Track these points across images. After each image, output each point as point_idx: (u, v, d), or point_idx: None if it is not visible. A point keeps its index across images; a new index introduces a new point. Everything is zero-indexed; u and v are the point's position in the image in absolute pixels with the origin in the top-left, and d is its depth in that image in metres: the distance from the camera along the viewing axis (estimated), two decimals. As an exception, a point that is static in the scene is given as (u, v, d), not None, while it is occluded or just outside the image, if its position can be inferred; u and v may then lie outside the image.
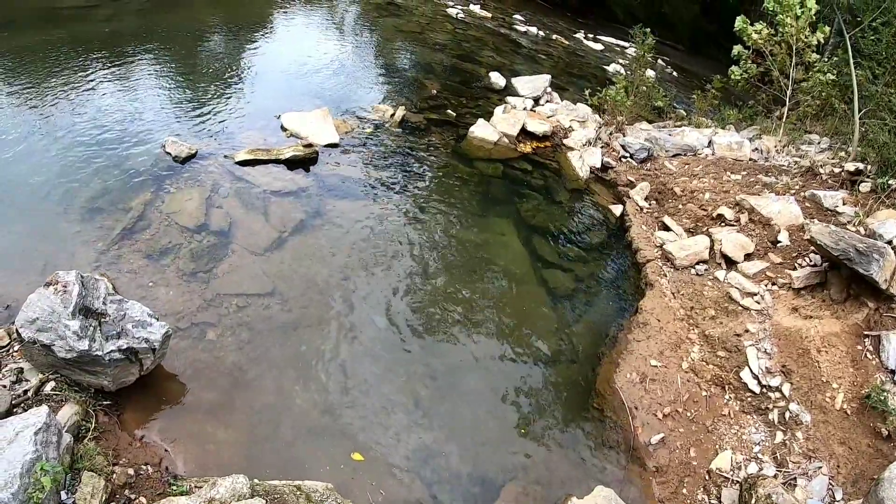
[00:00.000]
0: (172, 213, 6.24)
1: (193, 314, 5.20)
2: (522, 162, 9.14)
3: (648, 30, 11.65)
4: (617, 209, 8.50)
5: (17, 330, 4.00)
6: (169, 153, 7.12)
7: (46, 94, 8.14)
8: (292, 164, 7.53)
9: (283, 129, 8.31)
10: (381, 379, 5.23)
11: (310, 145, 7.83)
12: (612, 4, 29.11)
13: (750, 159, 9.23)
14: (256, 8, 14.89)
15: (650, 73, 13.10)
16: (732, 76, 11.03)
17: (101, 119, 7.80)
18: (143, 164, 6.92)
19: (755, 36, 10.26)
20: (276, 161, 7.47)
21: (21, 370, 4.11)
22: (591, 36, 20.65)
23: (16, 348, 4.30)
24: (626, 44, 20.10)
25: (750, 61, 10.74)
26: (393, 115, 9.27)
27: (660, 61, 17.23)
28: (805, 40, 9.88)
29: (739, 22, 10.43)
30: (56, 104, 7.97)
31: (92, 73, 8.84)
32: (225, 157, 7.37)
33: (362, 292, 6.01)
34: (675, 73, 19.21)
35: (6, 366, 4.15)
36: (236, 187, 6.91)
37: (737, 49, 10.84)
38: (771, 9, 9.97)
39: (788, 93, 10.23)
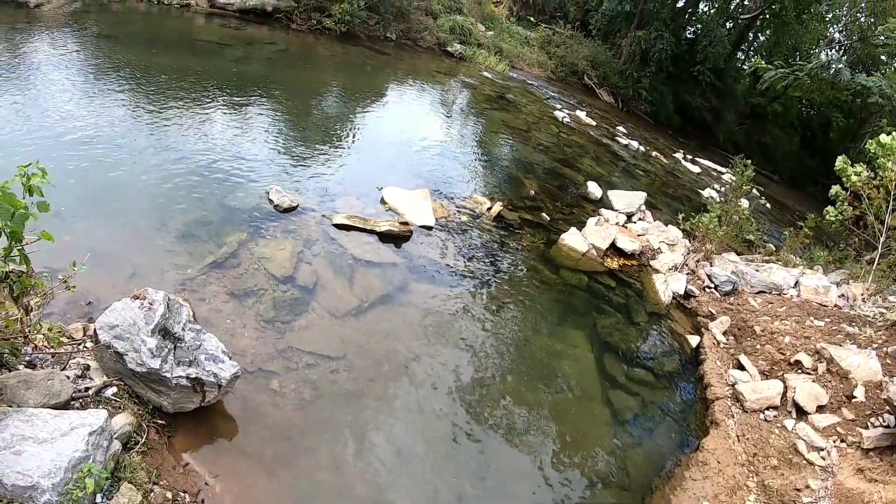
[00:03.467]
0: (263, 259, 6.30)
1: (263, 360, 5.10)
2: (607, 277, 8.91)
3: (749, 161, 11.50)
4: (694, 340, 8.10)
5: (95, 330, 4.01)
6: (272, 200, 7.35)
7: (167, 115, 8.71)
8: (386, 237, 7.57)
9: (383, 202, 8.44)
10: (433, 469, 4.91)
11: (406, 223, 7.88)
12: (714, 128, 29.38)
13: (835, 305, 8.71)
14: (377, 79, 15.79)
15: (744, 202, 12.82)
16: (827, 216, 10.62)
17: (213, 151, 8.25)
18: (245, 205, 7.16)
19: (854, 178, 9.91)
20: (371, 231, 7.54)
21: (88, 367, 4.11)
22: (689, 157, 20.77)
23: (88, 345, 4.32)
24: (723, 169, 20.13)
25: (846, 203, 10.34)
26: (489, 208, 9.29)
27: (755, 191, 16.97)
28: (904, 186, 9.47)
29: (840, 162, 10.13)
30: (174, 127, 8.54)
31: (213, 106, 9.44)
32: (323, 216, 7.51)
33: (429, 377, 5.79)
34: (768, 205, 18.89)
35: (74, 359, 4.15)
36: (328, 248, 6.97)
37: (835, 189, 10.48)
38: (873, 150, 9.67)
39: (882, 239, 9.72)
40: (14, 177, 3.26)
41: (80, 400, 3.81)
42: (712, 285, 9.31)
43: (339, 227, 7.37)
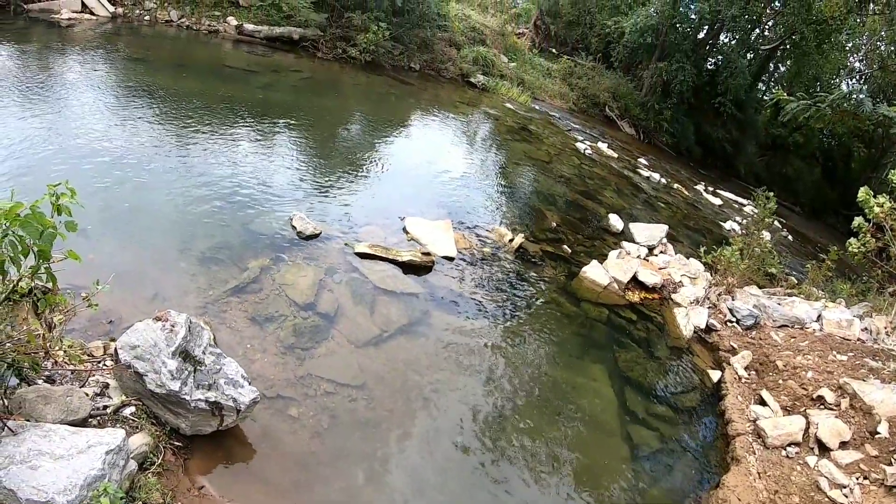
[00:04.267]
0: (285, 285, 6.31)
1: (282, 386, 5.08)
2: (628, 311, 8.81)
3: (772, 193, 11.37)
4: (715, 375, 7.95)
5: (115, 349, 4.02)
6: (294, 227, 7.39)
7: (194, 138, 8.86)
8: (407, 267, 7.56)
9: (406, 231, 8.45)
10: (449, 501, 4.83)
11: (428, 254, 7.87)
12: (735, 160, 29.28)
13: (858, 339, 8.54)
14: (400, 109, 15.94)
15: (766, 235, 12.66)
16: (849, 248, 10.41)
17: (237, 176, 8.36)
18: (268, 231, 7.21)
19: (877, 209, 9.73)
20: (393, 261, 7.53)
21: (107, 385, 4.11)
22: (710, 189, 20.65)
23: (108, 363, 4.34)
24: (744, 201, 20.00)
25: (869, 234, 10.15)
26: (511, 240, 9.25)
27: (776, 223, 16.76)
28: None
29: (862, 193, 9.94)
30: (200, 151, 8.68)
31: (238, 131, 9.58)
32: (346, 244, 7.52)
33: (447, 408, 5.72)
34: (790, 237, 18.67)
35: (94, 376, 4.16)
36: (350, 277, 6.97)
37: (857, 221, 10.26)
38: (895, 181, 9.52)
39: (905, 271, 9.52)
40: (43, 195, 3.28)
41: (98, 418, 3.81)
42: (734, 319, 9.18)
43: (361, 255, 7.38)
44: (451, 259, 8.15)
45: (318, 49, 18.73)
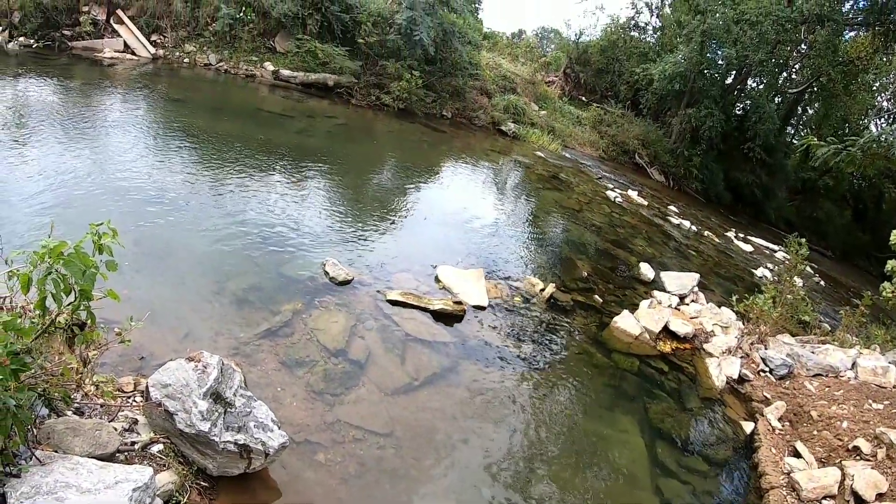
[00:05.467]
0: (316, 330, 6.30)
1: (310, 431, 5.02)
2: (659, 361, 8.63)
3: (803, 239, 11.16)
4: (748, 426, 7.70)
5: (147, 386, 4.03)
6: (327, 273, 7.40)
7: (230, 180, 9.02)
8: (439, 316, 7.52)
9: (437, 280, 8.43)
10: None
11: (459, 303, 7.83)
12: (765, 205, 29.00)
13: (894, 387, 8.25)
14: (432, 156, 16.14)
15: (798, 281, 12.39)
16: (883, 293, 10.12)
17: (272, 219, 8.47)
18: (301, 276, 7.25)
19: None
20: (424, 309, 7.50)
21: (136, 421, 4.10)
22: (741, 236, 20.36)
23: (138, 399, 4.35)
24: (775, 247, 19.73)
25: None
26: (542, 290, 9.18)
27: (808, 268, 16.40)
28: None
29: (895, 236, 9.74)
30: (236, 193, 8.83)
31: (274, 175, 9.75)
32: (378, 291, 7.51)
33: (476, 458, 5.60)
34: (822, 282, 18.19)
35: (123, 411, 4.16)
36: (381, 324, 6.95)
37: (891, 264, 10.02)
38: None
39: (940, 315, 9.24)
40: (86, 234, 3.34)
41: (126, 453, 3.79)
42: (767, 369, 8.95)
43: (393, 303, 7.36)
44: (482, 308, 8.10)
45: (353, 96, 19.18)
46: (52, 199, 7.37)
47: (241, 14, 18.58)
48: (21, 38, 15.42)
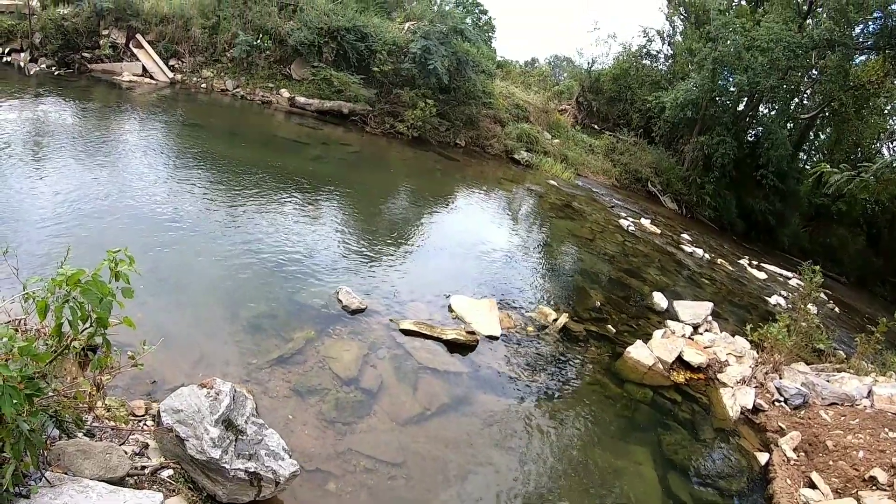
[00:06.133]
0: (329, 358, 6.31)
1: (321, 460, 4.99)
2: (673, 391, 8.54)
3: (818, 267, 11.04)
4: (762, 457, 7.56)
5: (158, 411, 4.05)
6: (340, 301, 7.42)
7: (245, 206, 9.11)
8: (452, 346, 7.50)
9: (450, 309, 8.42)
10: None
11: (472, 332, 7.81)
12: (778, 232, 28.82)
13: None
14: (446, 185, 16.22)
15: (812, 308, 12.23)
16: None
17: (286, 246, 8.53)
18: (314, 304, 7.26)
19: None
20: (437, 339, 7.48)
21: (146, 446, 4.10)
22: (754, 263, 20.20)
23: (149, 423, 4.36)
24: (789, 274, 19.63)
25: None
26: (555, 320, 9.13)
27: (822, 295, 16.20)
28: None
29: None
30: (250, 219, 8.93)
31: (288, 202, 9.83)
32: (390, 320, 7.51)
33: (488, 489, 5.53)
34: (836, 309, 17.94)
35: (133, 435, 4.16)
36: (394, 353, 6.94)
37: None
38: None
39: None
40: (103, 261, 3.37)
41: (136, 478, 3.78)
42: (782, 399, 8.83)
43: (406, 332, 7.36)
44: (495, 338, 8.07)
45: (367, 123, 19.38)
46: (69, 219, 7.50)
47: (259, 41, 18.89)
48: (42, 59, 15.75)
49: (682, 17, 32.01)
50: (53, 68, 15.19)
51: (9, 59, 15.24)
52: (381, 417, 5.83)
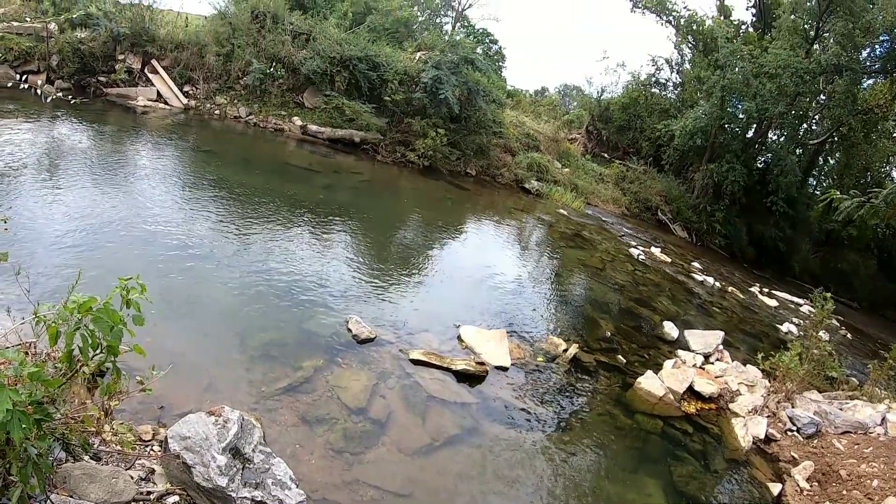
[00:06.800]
0: (337, 388, 6.28)
1: (328, 490, 4.94)
2: (684, 422, 8.43)
3: (829, 294, 10.92)
4: (775, 488, 7.43)
5: (165, 437, 4.05)
6: (350, 330, 7.42)
7: (256, 233, 9.18)
8: (461, 376, 7.47)
9: (460, 340, 8.40)
10: None
11: (482, 363, 7.79)
12: (789, 258, 28.63)
13: None
14: (456, 214, 16.26)
15: (824, 335, 12.06)
16: None
17: (296, 274, 8.56)
18: (324, 332, 7.26)
19: None
20: (447, 369, 7.45)
21: (152, 471, 4.09)
22: (765, 290, 20.08)
23: (156, 448, 4.35)
24: (800, 301, 19.43)
25: None
26: (566, 350, 9.08)
27: (834, 321, 16.00)
28: None
29: None
30: (261, 246, 8.99)
31: (299, 229, 9.91)
32: (400, 350, 7.50)
33: (498, 525, 5.45)
34: (848, 335, 17.70)
35: (140, 460, 4.14)
36: (403, 383, 6.91)
37: None
38: None
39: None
40: (115, 288, 3.38)
41: (141, 503, 3.76)
42: (794, 428, 8.73)
43: (416, 362, 7.34)
44: (504, 369, 8.03)
45: (378, 152, 19.54)
46: (81, 243, 7.56)
47: (272, 70, 19.16)
48: (58, 82, 15.98)
49: (690, 45, 32.22)
50: (70, 97, 15.42)
51: (25, 84, 15.48)
52: (390, 448, 5.78)
